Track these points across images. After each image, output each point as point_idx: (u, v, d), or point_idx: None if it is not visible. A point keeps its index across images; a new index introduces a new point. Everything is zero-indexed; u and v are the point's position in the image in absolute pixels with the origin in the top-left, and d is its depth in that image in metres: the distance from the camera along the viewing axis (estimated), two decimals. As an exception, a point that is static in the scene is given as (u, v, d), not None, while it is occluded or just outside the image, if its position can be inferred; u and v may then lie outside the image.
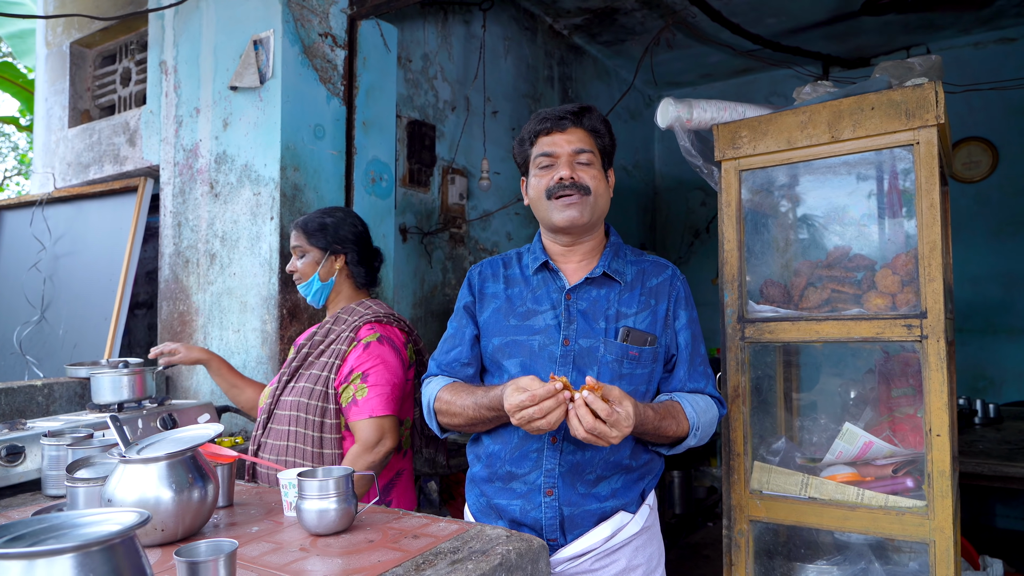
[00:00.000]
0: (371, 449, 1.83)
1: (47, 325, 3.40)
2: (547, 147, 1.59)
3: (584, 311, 1.58)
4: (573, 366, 1.53)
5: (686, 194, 6.37)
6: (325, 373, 1.92)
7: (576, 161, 1.57)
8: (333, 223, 2.03)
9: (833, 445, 1.94)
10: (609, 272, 1.61)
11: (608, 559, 1.55)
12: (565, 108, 1.60)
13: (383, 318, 1.98)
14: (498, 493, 1.58)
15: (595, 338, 1.55)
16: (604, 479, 1.55)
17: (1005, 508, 4.98)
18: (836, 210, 2.08)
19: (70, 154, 3.66)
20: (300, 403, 1.92)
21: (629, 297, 1.60)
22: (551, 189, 1.57)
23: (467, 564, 1.19)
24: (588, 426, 1.29)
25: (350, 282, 2.07)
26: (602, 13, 4.78)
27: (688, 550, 4.49)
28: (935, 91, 1.78)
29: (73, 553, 0.81)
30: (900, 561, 1.99)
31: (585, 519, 1.53)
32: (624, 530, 1.56)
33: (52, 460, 1.75)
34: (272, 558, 1.28)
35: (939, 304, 1.77)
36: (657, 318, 1.59)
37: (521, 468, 1.55)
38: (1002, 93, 4.98)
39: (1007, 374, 5.04)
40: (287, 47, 2.71)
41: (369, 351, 1.90)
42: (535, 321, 1.59)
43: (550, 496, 1.52)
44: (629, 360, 1.54)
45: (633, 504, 1.59)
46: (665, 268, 1.66)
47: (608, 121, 1.67)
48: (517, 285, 1.66)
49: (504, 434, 1.58)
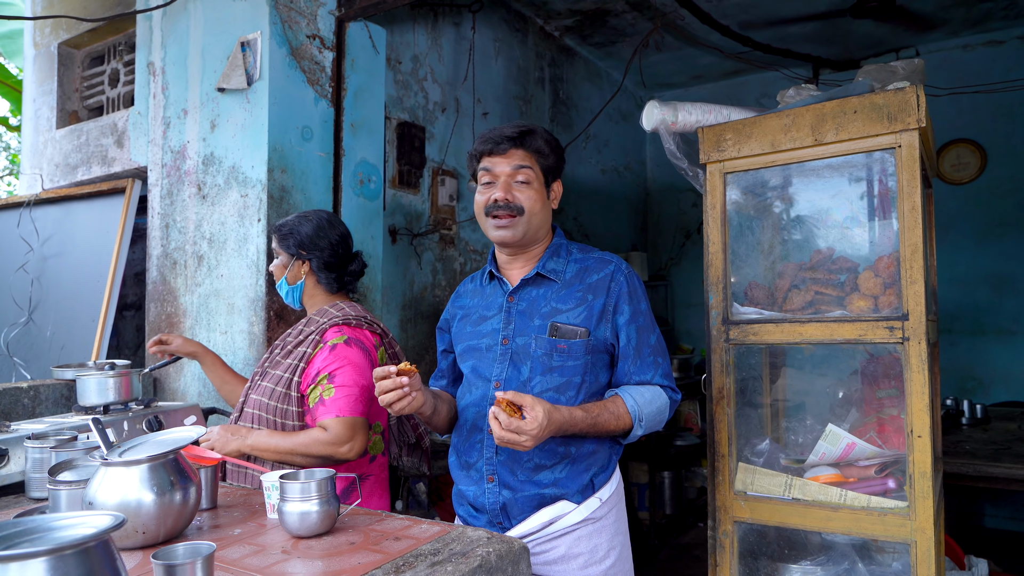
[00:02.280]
0: (337, 446, 1.79)
1: (34, 327, 3.38)
2: (487, 166, 1.71)
3: (523, 311, 1.71)
4: (510, 362, 1.67)
5: (677, 196, 6.39)
6: (287, 375, 1.92)
7: (514, 181, 1.68)
8: (303, 228, 2.03)
9: (816, 446, 1.95)
10: (544, 272, 1.71)
11: (547, 545, 1.65)
12: (505, 132, 1.69)
13: (352, 320, 1.96)
14: (461, 480, 1.74)
15: (528, 335, 1.67)
16: (545, 468, 1.64)
17: (994, 508, 5.01)
18: (820, 213, 2.10)
19: (58, 155, 3.65)
20: (262, 402, 1.92)
21: (566, 294, 1.69)
22: (488, 208, 1.69)
23: (447, 566, 1.20)
24: (497, 435, 1.43)
25: (322, 286, 2.05)
26: (593, 15, 4.79)
27: (678, 550, 4.51)
28: (916, 95, 1.80)
29: (46, 556, 0.81)
30: (883, 561, 2.00)
31: (525, 504, 1.64)
32: (564, 519, 1.64)
33: (35, 463, 1.74)
34: (253, 560, 1.28)
35: (921, 306, 1.78)
36: (592, 312, 1.66)
37: (471, 456, 1.70)
38: (990, 95, 5.01)
39: (995, 375, 5.07)
40: (275, 49, 2.71)
41: (335, 353, 1.88)
42: (484, 326, 1.75)
43: (492, 482, 1.66)
44: (559, 353, 1.64)
45: (577, 494, 1.65)
46: (607, 264, 1.72)
47: (553, 139, 1.75)
48: (477, 296, 1.83)
49: (459, 428, 1.75)
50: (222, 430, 1.87)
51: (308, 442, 1.81)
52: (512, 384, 1.64)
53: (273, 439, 1.84)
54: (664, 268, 6.44)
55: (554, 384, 1.63)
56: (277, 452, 1.83)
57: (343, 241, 2.07)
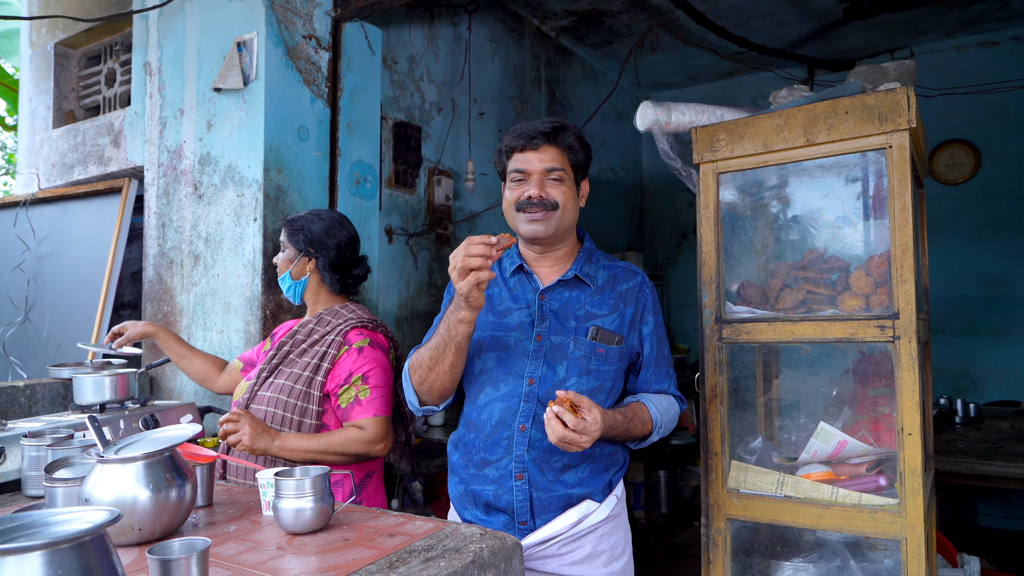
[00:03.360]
0: (374, 444, 1.87)
1: (31, 326, 3.39)
2: (520, 164, 1.68)
3: (556, 311, 1.69)
4: (544, 360, 1.65)
5: (673, 195, 6.40)
6: (307, 373, 1.94)
7: (547, 178, 1.67)
8: (315, 226, 2.06)
9: (808, 444, 1.96)
10: (580, 275, 1.71)
11: (574, 544, 1.65)
12: (538, 127, 1.67)
13: (368, 324, 2.01)
14: (473, 479, 1.68)
15: (566, 335, 1.66)
16: (571, 467, 1.64)
17: (988, 507, 5.03)
18: (812, 212, 2.11)
19: (54, 155, 3.65)
20: (279, 400, 1.93)
21: (600, 299, 1.71)
22: (520, 203, 1.67)
23: (439, 562, 1.21)
24: (559, 435, 1.43)
25: (326, 286, 2.09)
26: (589, 15, 4.80)
27: (674, 549, 4.52)
28: (907, 95, 1.81)
29: (43, 551, 0.82)
30: (875, 559, 2.02)
31: (552, 504, 1.63)
32: (590, 517, 1.65)
33: (32, 460, 1.75)
34: (248, 557, 1.29)
35: (911, 305, 1.80)
36: (624, 320, 1.70)
37: (494, 454, 1.65)
38: (984, 96, 5.03)
39: (989, 374, 5.10)
40: (271, 49, 2.72)
41: (364, 355, 1.94)
42: (511, 319, 1.70)
43: (520, 480, 1.62)
44: (597, 357, 1.65)
45: (600, 493, 1.68)
46: (635, 275, 1.77)
47: (583, 136, 1.74)
48: (496, 286, 1.77)
49: (478, 423, 1.69)
50: (253, 421, 1.80)
51: (345, 440, 1.85)
52: (547, 383, 1.63)
53: (303, 441, 1.84)
54: (660, 268, 6.45)
55: (589, 387, 1.64)
56: (308, 452, 1.83)
57: (351, 244, 2.11)
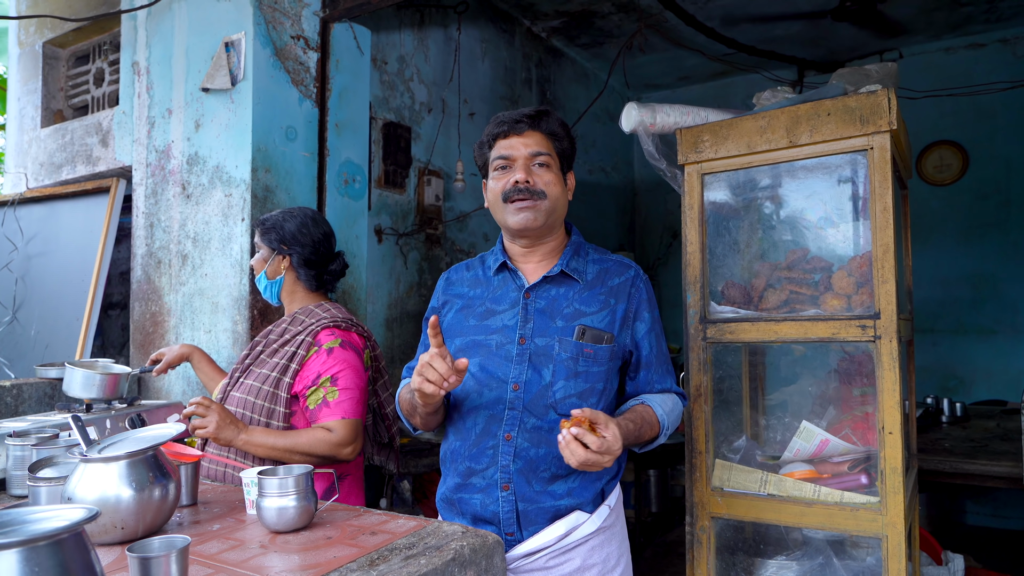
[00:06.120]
0: (342, 447, 1.83)
1: (19, 326, 3.38)
2: (504, 150, 1.60)
3: (542, 310, 1.59)
4: (529, 364, 1.55)
5: (664, 195, 6.42)
6: (275, 374, 1.91)
7: (533, 164, 1.58)
8: (287, 224, 2.03)
9: (791, 443, 1.98)
10: (567, 271, 1.61)
11: (562, 557, 1.57)
12: (522, 111, 1.61)
13: (342, 323, 1.97)
14: (459, 488, 1.61)
15: (551, 336, 1.56)
16: (560, 478, 1.56)
17: (975, 505, 5.07)
18: (795, 213, 2.13)
19: (43, 154, 3.65)
20: (246, 401, 1.91)
21: (589, 296, 1.61)
22: (507, 192, 1.58)
23: (420, 559, 1.22)
24: (580, 459, 1.34)
25: (302, 283, 2.06)
26: (579, 16, 4.82)
27: (664, 548, 4.54)
28: (888, 97, 1.83)
29: (19, 548, 0.83)
30: (858, 556, 2.04)
31: (540, 515, 1.55)
32: (579, 529, 1.57)
33: (16, 460, 1.75)
34: (231, 555, 1.29)
35: (892, 305, 1.82)
36: (615, 318, 1.60)
37: (479, 464, 1.57)
38: (972, 98, 5.07)
39: (977, 373, 5.13)
40: (259, 49, 2.72)
41: (334, 356, 1.90)
42: (493, 321, 1.62)
43: (506, 491, 1.54)
44: (585, 358, 1.55)
45: (590, 503, 1.59)
46: (628, 268, 1.67)
47: (567, 125, 1.67)
48: (479, 287, 1.69)
49: (463, 431, 1.61)
50: (221, 411, 1.80)
51: (312, 441, 1.81)
52: (533, 388, 1.55)
53: (270, 437, 1.82)
54: (651, 268, 6.47)
55: (577, 390, 1.55)
56: (273, 449, 1.81)
57: (326, 240, 2.08)
